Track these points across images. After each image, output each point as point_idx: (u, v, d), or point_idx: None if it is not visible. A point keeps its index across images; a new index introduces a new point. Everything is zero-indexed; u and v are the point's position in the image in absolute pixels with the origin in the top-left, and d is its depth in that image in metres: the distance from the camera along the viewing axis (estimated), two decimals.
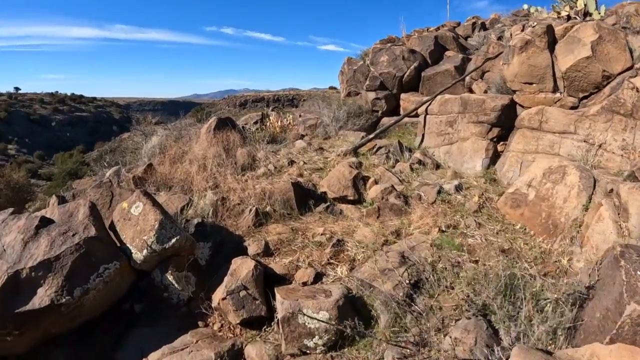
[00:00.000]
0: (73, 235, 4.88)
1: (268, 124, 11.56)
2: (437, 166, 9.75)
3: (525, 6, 16.90)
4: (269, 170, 8.77)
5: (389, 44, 13.81)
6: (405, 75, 12.70)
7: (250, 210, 7.05)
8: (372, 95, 12.61)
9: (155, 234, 5.07)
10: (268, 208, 7.27)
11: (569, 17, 12.84)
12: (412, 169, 9.27)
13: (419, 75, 12.78)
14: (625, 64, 8.62)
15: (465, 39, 14.73)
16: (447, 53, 13.47)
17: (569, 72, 8.97)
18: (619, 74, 8.64)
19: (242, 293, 4.99)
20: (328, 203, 7.85)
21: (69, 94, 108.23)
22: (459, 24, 16.69)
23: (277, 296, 4.91)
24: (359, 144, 9.96)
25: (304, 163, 9.18)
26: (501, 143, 9.74)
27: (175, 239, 5.20)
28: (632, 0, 11.71)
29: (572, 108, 9.11)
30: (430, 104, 10.56)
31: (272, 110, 18.76)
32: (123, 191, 7.41)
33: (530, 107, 9.46)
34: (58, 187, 27.89)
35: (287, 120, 11.84)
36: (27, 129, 79.06)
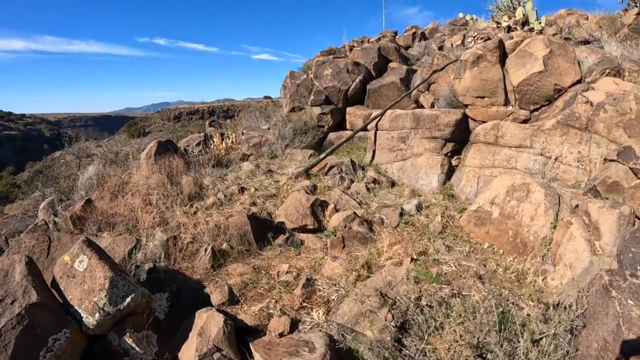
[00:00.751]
0: (12, 302, 3.96)
1: (212, 146, 10.69)
2: (393, 184, 9.38)
3: (461, 15, 17.18)
4: (218, 199, 7.98)
5: (331, 56, 13.39)
6: (351, 89, 12.31)
7: (206, 249, 6.27)
8: (317, 110, 12.11)
9: (107, 294, 4.23)
10: (224, 245, 6.52)
11: (509, 28, 13.05)
12: (368, 189, 8.84)
13: (364, 88, 12.44)
14: (575, 76, 8.77)
15: (406, 49, 14.62)
16: (391, 64, 13.26)
17: (521, 86, 8.97)
18: (570, 86, 8.79)
19: (216, 356, 4.27)
20: (287, 234, 7.20)
21: None
22: (396, 34, 16.62)
23: (256, 355, 4.23)
24: (310, 164, 9.41)
25: (255, 189, 8.45)
26: (455, 157, 9.56)
27: (130, 297, 4.39)
28: (569, 9, 12.01)
29: (525, 121, 9.13)
30: (380, 119, 10.20)
31: (211, 124, 17.82)
32: (62, 235, 6.47)
33: (482, 121, 9.38)
34: None
35: (230, 140, 11.03)
36: None
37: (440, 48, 14.03)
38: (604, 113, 7.72)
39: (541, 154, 8.42)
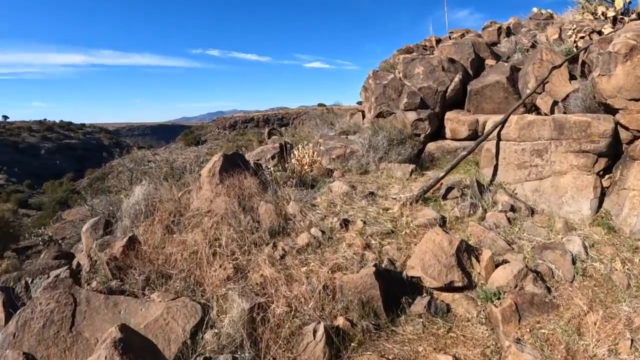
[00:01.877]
0: None
1: (293, 160, 8.87)
2: (532, 211, 7.50)
3: (535, 9, 15.05)
4: (314, 237, 6.21)
5: (414, 54, 11.45)
6: (449, 90, 10.40)
7: (316, 331, 4.50)
8: (412, 115, 10.25)
9: None
10: (342, 321, 4.72)
11: (615, 19, 10.91)
12: (509, 221, 6.99)
13: (463, 89, 10.52)
14: None
15: (492, 45, 12.55)
16: (487, 62, 11.29)
17: None
18: None
19: None
20: (426, 296, 5.41)
21: (57, 121, 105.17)
22: (467, 31, 14.50)
23: None
24: (428, 186, 7.58)
25: (363, 223, 6.66)
26: (606, 177, 7.61)
27: None
28: None
29: None
30: (502, 126, 8.28)
31: (270, 132, 16.12)
32: (92, 295, 4.98)
33: (637, 130, 7.39)
34: (48, 218, 25.03)
35: (308, 153, 9.21)
36: (14, 157, 75.08)
37: (534, 45, 11.97)
38: None
39: None
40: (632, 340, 4.67)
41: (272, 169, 8.50)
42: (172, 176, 10.85)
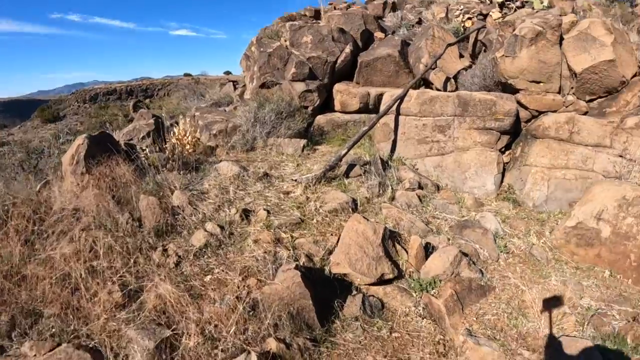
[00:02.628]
0: None
1: (173, 139, 7.05)
2: (438, 187, 6.99)
3: None
4: (212, 235, 4.92)
5: (301, 22, 10.37)
6: (339, 61, 9.53)
7: None
8: (300, 86, 9.18)
9: None
10: (273, 345, 3.51)
11: (502, 4, 11.10)
12: (420, 199, 6.34)
13: (353, 61, 9.73)
14: (634, 68, 7.24)
15: (378, 19, 12.03)
16: (377, 34, 10.66)
17: (584, 73, 7.14)
18: (631, 78, 7.13)
19: None
20: (358, 293, 4.48)
21: None
22: (351, 4, 13.87)
23: None
24: (331, 164, 6.61)
25: (267, 212, 5.46)
26: (507, 153, 7.41)
27: None
28: None
29: (585, 114, 7.25)
30: (401, 101, 7.64)
31: (136, 106, 13.81)
32: None
33: (536, 110, 7.51)
34: None
35: (183, 129, 7.51)
36: None
37: (420, 21, 11.75)
38: None
39: (621, 156, 6.65)
40: (573, 316, 4.27)
41: (147, 150, 6.76)
42: (29, 163, 8.37)
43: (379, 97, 8.91)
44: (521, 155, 7.08)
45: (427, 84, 9.28)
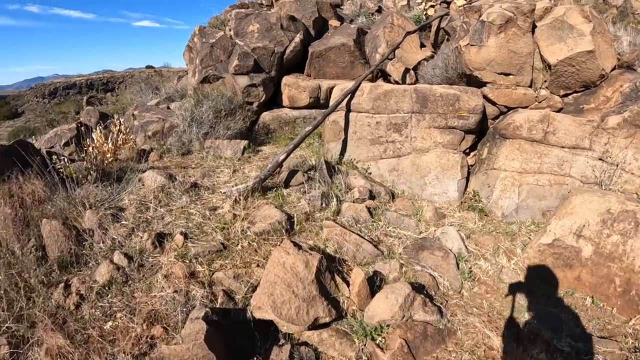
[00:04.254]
0: None
1: (90, 147, 5.61)
2: (393, 195, 5.84)
3: None
4: (118, 268, 3.69)
5: (250, 9, 9.08)
6: (288, 51, 8.29)
7: None
8: (243, 80, 7.91)
9: None
10: None
11: None
12: (370, 212, 5.17)
13: (304, 51, 8.51)
14: (613, 60, 6.16)
15: (336, 6, 10.80)
16: (331, 22, 9.43)
17: (559, 65, 6.04)
18: (610, 71, 6.11)
19: None
20: (284, 342, 3.31)
21: None
22: None
23: None
24: (266, 173, 5.36)
25: (184, 237, 4.21)
26: (471, 155, 6.31)
27: None
28: None
29: (559, 110, 6.19)
30: (352, 95, 6.44)
31: (89, 101, 12.28)
32: None
33: (505, 106, 6.42)
34: None
35: (118, 130, 6.26)
36: None
37: (380, 9, 10.56)
38: None
39: (601, 159, 5.63)
40: None
41: (64, 160, 5.39)
42: None
43: (331, 90, 7.72)
44: (488, 157, 5.97)
45: (385, 75, 8.12)
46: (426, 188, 5.98)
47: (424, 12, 9.35)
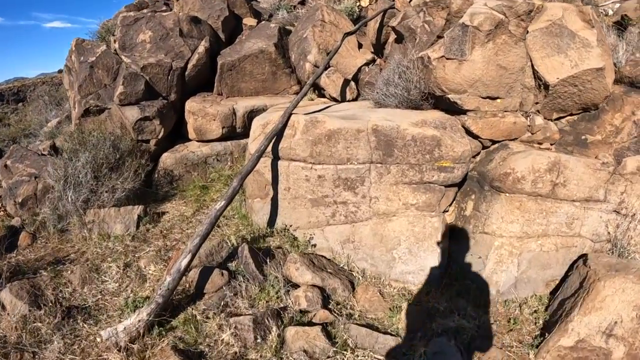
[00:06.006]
0: None
1: None
2: (352, 285, 3.93)
3: None
4: None
5: (145, 10, 6.53)
6: (191, 66, 5.94)
7: None
8: (133, 113, 5.45)
9: None
10: None
11: None
12: (328, 336, 3.24)
13: (212, 63, 6.22)
14: (612, 74, 4.58)
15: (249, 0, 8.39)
16: (246, 21, 7.11)
17: (560, 85, 4.20)
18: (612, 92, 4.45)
19: None
20: None
21: None
22: None
23: None
24: (166, 293, 3.23)
25: None
26: (450, 211, 4.48)
27: None
28: None
29: (553, 144, 4.50)
30: (280, 133, 4.36)
31: None
32: None
33: (491, 140, 4.59)
34: None
35: None
36: None
37: (303, 1, 8.33)
38: None
39: (616, 211, 4.08)
40: None
41: None
42: None
43: (250, 115, 5.63)
44: (475, 215, 4.18)
45: (318, 89, 6.06)
46: (395, 265, 4.12)
47: (357, 4, 7.28)
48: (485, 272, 4.04)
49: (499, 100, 4.27)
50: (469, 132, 4.32)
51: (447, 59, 4.16)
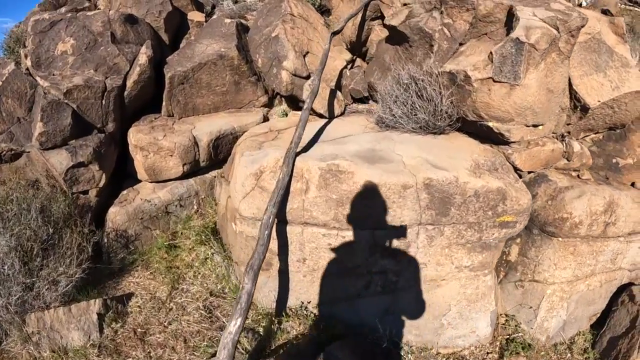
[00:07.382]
0: None
1: None
2: None
3: None
4: None
5: (64, 9, 4.56)
6: (131, 83, 4.32)
7: None
8: (61, 159, 3.78)
9: None
10: None
11: None
12: None
13: (157, 76, 4.65)
14: None
15: None
16: (192, 15, 5.43)
17: (599, 108, 3.64)
18: None
19: None
20: None
21: None
22: None
23: None
24: None
25: None
26: None
27: None
28: None
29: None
30: (286, 192, 3.28)
31: None
32: None
33: (528, 171, 3.80)
34: None
35: None
36: None
37: None
38: None
39: None
40: None
41: None
42: None
43: (217, 140, 4.41)
44: (522, 262, 3.59)
45: (295, 101, 4.89)
46: (444, 332, 3.44)
47: None
48: (537, 321, 3.56)
49: (540, 127, 3.60)
50: (516, 168, 3.62)
51: (495, 81, 3.31)
